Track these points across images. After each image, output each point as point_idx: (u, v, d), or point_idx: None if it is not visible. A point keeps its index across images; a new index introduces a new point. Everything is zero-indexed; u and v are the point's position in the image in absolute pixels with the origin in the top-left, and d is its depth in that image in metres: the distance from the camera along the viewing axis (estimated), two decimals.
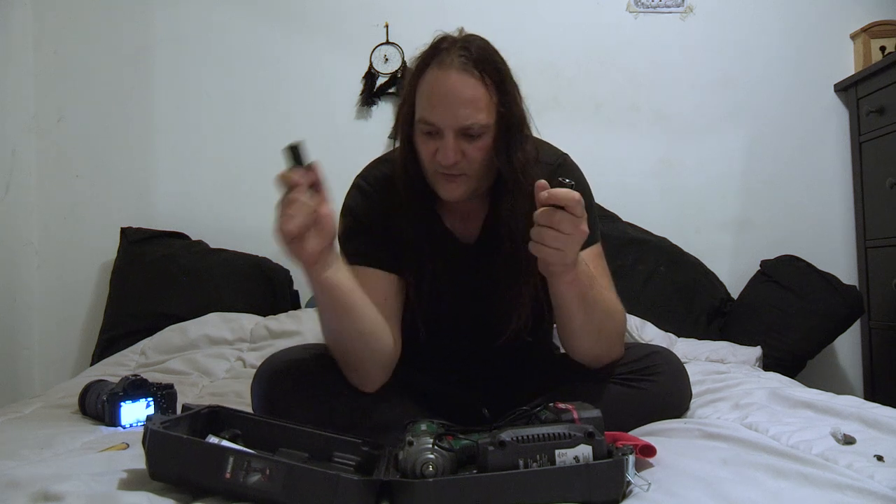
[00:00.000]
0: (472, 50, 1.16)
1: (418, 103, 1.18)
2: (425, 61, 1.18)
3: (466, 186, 1.20)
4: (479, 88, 1.15)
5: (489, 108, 1.16)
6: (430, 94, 1.16)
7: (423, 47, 1.20)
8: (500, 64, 1.19)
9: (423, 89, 1.17)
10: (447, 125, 1.15)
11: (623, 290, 2.02)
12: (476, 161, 1.18)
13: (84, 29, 2.40)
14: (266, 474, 0.79)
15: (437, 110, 1.15)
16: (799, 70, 2.45)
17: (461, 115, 1.14)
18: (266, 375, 1.21)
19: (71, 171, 2.38)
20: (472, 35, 1.21)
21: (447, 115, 1.15)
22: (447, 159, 1.15)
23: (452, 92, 1.14)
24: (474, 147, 1.17)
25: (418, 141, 1.20)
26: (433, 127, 1.16)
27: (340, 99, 2.42)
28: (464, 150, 1.16)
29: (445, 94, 1.14)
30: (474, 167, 1.19)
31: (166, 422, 0.87)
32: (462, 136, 1.16)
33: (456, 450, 0.89)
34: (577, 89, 2.44)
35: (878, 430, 1.05)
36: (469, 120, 1.15)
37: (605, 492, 0.82)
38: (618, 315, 1.22)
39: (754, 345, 2.01)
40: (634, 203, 2.37)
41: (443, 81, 1.15)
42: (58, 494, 0.79)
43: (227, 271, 2.22)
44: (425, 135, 1.18)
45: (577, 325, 1.17)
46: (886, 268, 2.20)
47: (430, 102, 1.16)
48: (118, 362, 1.93)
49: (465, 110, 1.14)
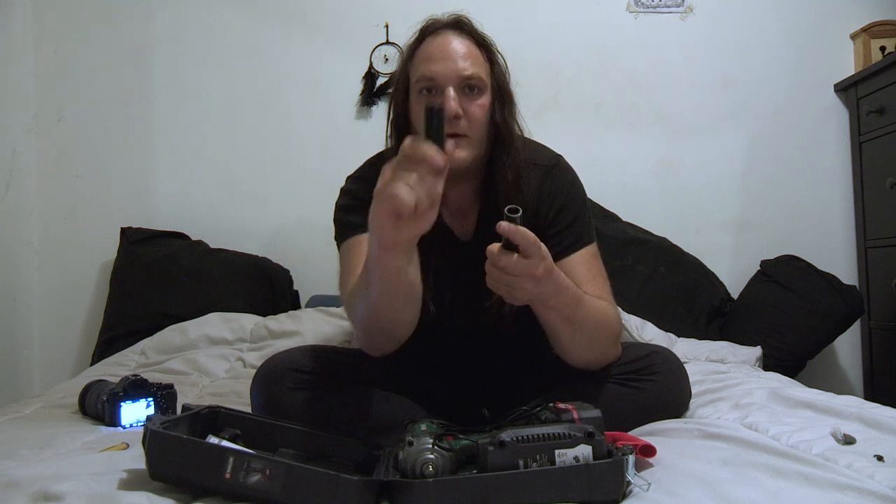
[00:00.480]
0: (463, 24, 1.23)
1: (415, 67, 1.21)
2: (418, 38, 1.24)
3: (469, 149, 1.20)
4: (476, 49, 1.21)
5: (486, 69, 1.22)
6: (429, 54, 1.20)
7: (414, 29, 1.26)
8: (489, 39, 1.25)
9: (420, 54, 1.21)
10: (449, 76, 1.18)
11: (623, 290, 2.05)
12: (476, 119, 1.20)
13: (84, 29, 2.40)
14: (266, 474, 0.79)
15: (437, 64, 1.18)
16: (799, 70, 2.45)
17: (461, 66, 1.18)
18: (265, 376, 1.21)
19: (71, 171, 2.38)
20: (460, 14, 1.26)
21: (448, 66, 1.18)
22: (451, 109, 1.16)
23: (451, 47, 1.19)
24: (475, 104, 1.19)
25: (416, 105, 1.21)
26: (433, 82, 1.18)
27: (340, 99, 2.42)
28: (464, 107, 1.18)
29: (445, 50, 1.19)
30: (474, 126, 1.20)
31: (166, 422, 0.87)
32: (463, 90, 1.18)
33: (456, 450, 0.89)
34: (577, 89, 2.44)
35: (878, 430, 1.05)
36: (469, 70, 1.18)
37: (605, 492, 0.82)
38: (610, 322, 1.20)
39: (754, 345, 2.01)
40: (634, 203, 2.37)
41: (441, 41, 1.20)
42: (58, 494, 0.79)
43: (227, 271, 2.22)
44: (424, 95, 1.19)
45: (565, 341, 1.17)
46: (886, 268, 2.20)
47: (430, 58, 1.20)
48: (118, 362, 1.93)
49: (465, 63, 1.18)
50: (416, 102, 1.21)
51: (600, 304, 1.19)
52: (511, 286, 1.02)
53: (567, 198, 1.30)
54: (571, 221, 1.28)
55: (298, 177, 2.37)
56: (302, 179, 2.36)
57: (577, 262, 1.26)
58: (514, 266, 0.99)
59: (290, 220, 2.38)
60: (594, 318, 1.16)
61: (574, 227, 1.28)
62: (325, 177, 1.42)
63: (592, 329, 1.16)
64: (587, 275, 1.25)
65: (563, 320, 1.13)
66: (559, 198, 1.29)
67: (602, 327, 1.18)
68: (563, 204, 1.29)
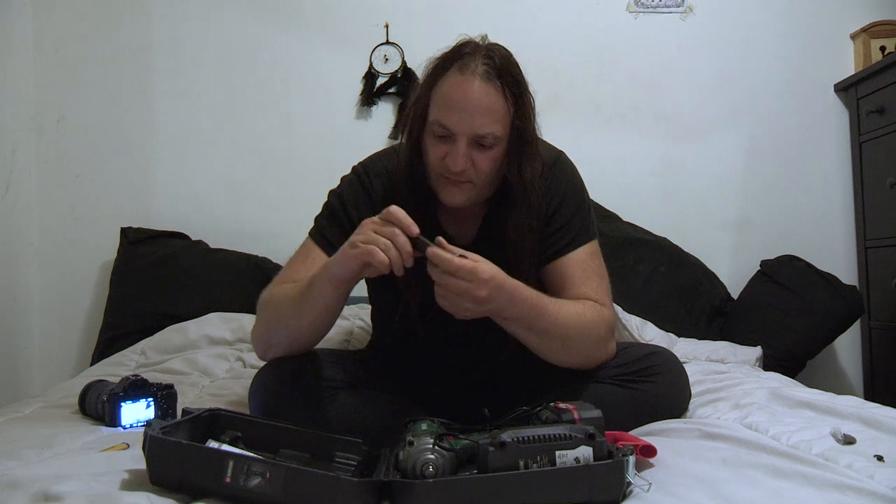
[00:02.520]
0: (496, 59, 1.16)
1: (434, 104, 1.18)
2: (446, 63, 1.17)
3: (469, 194, 1.21)
4: (499, 100, 1.15)
5: (505, 120, 1.17)
6: (449, 98, 1.15)
7: (445, 49, 1.20)
8: (520, 77, 1.20)
9: (443, 91, 1.17)
10: (462, 132, 1.14)
11: (623, 290, 2.06)
12: (484, 171, 1.18)
13: (84, 29, 2.40)
14: (266, 477, 0.80)
15: (454, 115, 1.15)
16: (799, 70, 2.45)
17: (478, 124, 1.14)
18: (265, 378, 1.21)
19: (71, 171, 2.38)
20: (496, 44, 1.21)
21: (464, 122, 1.14)
22: (456, 166, 1.15)
23: (473, 99, 1.14)
24: (484, 157, 1.17)
25: (428, 142, 1.20)
26: (447, 131, 1.16)
27: (340, 99, 2.42)
28: (473, 158, 1.16)
29: (465, 101, 1.14)
30: (481, 177, 1.19)
31: (166, 427, 0.87)
32: (474, 144, 1.16)
33: (456, 450, 0.89)
34: (577, 89, 2.44)
35: (878, 430, 1.05)
36: (485, 129, 1.15)
37: (606, 493, 0.82)
38: (588, 325, 1.19)
39: (754, 345, 2.01)
40: (634, 203, 2.37)
41: (464, 87, 1.14)
42: (58, 495, 0.79)
43: (227, 271, 2.22)
44: (437, 137, 1.18)
45: (533, 347, 1.18)
46: (886, 268, 2.20)
47: (448, 106, 1.15)
48: (118, 362, 1.93)
49: (483, 119, 1.14)
50: (429, 140, 1.19)
51: (574, 310, 1.19)
52: (455, 304, 1.05)
53: (566, 195, 1.30)
54: (569, 219, 1.28)
55: (299, 177, 2.37)
56: (302, 179, 2.35)
57: (572, 262, 1.26)
58: (455, 286, 1.03)
59: (291, 220, 2.36)
60: (563, 324, 1.16)
61: (571, 225, 1.28)
62: (326, 177, 1.42)
63: (562, 336, 1.17)
64: (581, 275, 1.25)
65: (524, 329, 1.14)
66: (557, 195, 1.29)
67: (576, 332, 1.18)
68: (561, 201, 1.29)
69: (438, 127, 1.16)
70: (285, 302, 1.19)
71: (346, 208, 1.29)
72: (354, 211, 1.28)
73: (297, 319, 1.17)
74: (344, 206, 1.29)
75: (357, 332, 1.92)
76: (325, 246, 1.27)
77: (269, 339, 1.24)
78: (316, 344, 1.24)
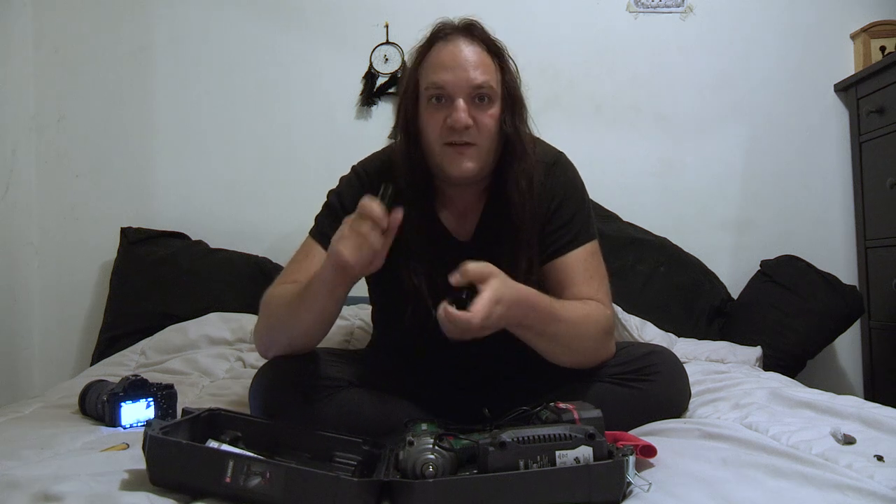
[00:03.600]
0: (475, 30, 1.21)
1: (424, 74, 1.20)
2: (427, 43, 1.22)
3: (477, 159, 1.21)
4: (487, 58, 1.20)
5: (496, 76, 1.20)
6: (439, 61, 1.19)
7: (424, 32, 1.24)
8: (501, 46, 1.24)
9: (431, 60, 1.20)
10: (459, 86, 1.17)
11: (623, 290, 2.06)
12: (486, 129, 1.19)
13: (84, 29, 2.40)
14: (266, 477, 0.80)
15: (448, 73, 1.17)
16: (799, 70, 2.44)
17: (472, 76, 1.17)
18: (265, 379, 1.21)
19: (71, 171, 2.38)
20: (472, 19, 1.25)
21: (459, 77, 1.17)
22: (460, 121, 1.16)
23: (463, 56, 1.18)
24: (485, 114, 1.19)
25: (426, 113, 1.20)
26: (443, 91, 1.18)
27: (340, 99, 2.42)
28: (474, 116, 1.18)
29: (456, 59, 1.18)
30: (484, 136, 1.20)
31: (166, 427, 0.87)
32: (473, 100, 1.18)
33: (456, 450, 0.89)
34: (577, 89, 2.44)
35: (878, 430, 1.05)
36: (480, 79, 1.18)
37: (606, 493, 0.82)
38: (592, 326, 1.21)
39: (754, 345, 2.01)
40: (634, 203, 2.37)
41: (452, 49, 1.18)
42: (58, 495, 0.79)
43: (227, 271, 2.22)
44: (434, 104, 1.19)
45: (542, 350, 1.19)
46: (886, 268, 2.20)
47: (441, 67, 1.18)
48: (118, 362, 1.93)
49: (476, 71, 1.17)
50: (426, 111, 1.21)
51: (580, 311, 1.20)
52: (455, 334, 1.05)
53: (566, 195, 1.30)
54: (569, 219, 1.28)
55: (299, 177, 2.37)
56: (302, 179, 2.35)
57: (573, 262, 1.26)
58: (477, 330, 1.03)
59: (290, 220, 2.37)
60: (571, 326, 1.17)
61: (572, 225, 1.28)
62: (326, 177, 1.42)
63: (570, 338, 1.18)
64: (583, 275, 1.26)
65: (536, 335, 1.15)
66: (558, 195, 1.29)
67: (581, 334, 1.19)
68: (561, 201, 1.29)
69: (434, 89, 1.18)
70: (284, 303, 1.20)
71: (346, 206, 1.29)
72: (354, 209, 1.28)
73: (295, 321, 1.18)
74: (343, 204, 1.30)
75: (357, 332, 1.92)
76: (325, 244, 1.26)
77: (270, 339, 1.24)
78: (316, 344, 1.24)
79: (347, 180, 1.35)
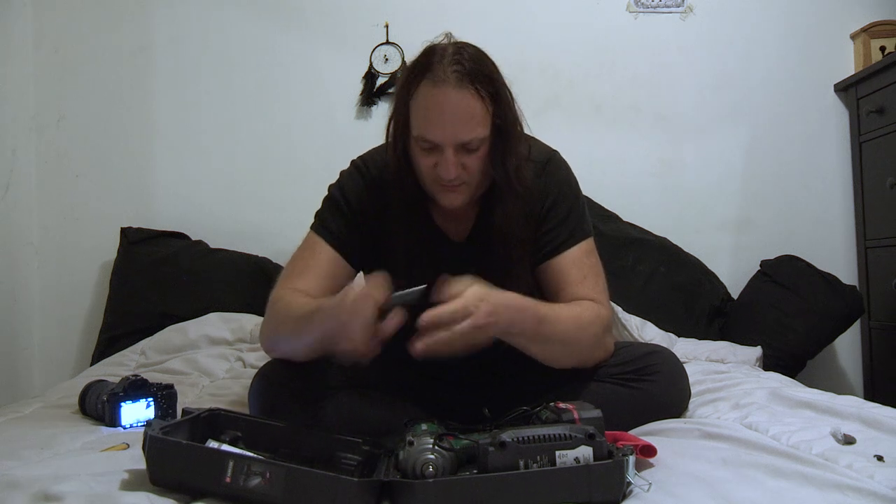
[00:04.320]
0: (465, 62, 1.13)
1: (414, 120, 1.17)
2: (417, 75, 1.15)
3: (467, 194, 1.22)
4: (476, 102, 1.13)
5: (486, 120, 1.16)
6: (427, 112, 1.14)
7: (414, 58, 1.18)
8: (493, 72, 1.17)
9: (419, 104, 1.15)
10: (447, 142, 1.14)
11: (623, 290, 2.06)
12: (475, 170, 1.19)
13: (84, 29, 2.40)
14: (266, 477, 0.80)
15: (436, 129, 1.14)
16: (799, 70, 2.45)
17: (461, 133, 1.14)
18: (265, 379, 1.21)
19: (71, 171, 2.38)
20: (462, 43, 1.18)
21: (447, 133, 1.14)
22: (449, 174, 1.16)
23: (450, 109, 1.13)
24: (473, 158, 1.18)
25: (416, 155, 1.20)
26: (432, 144, 1.16)
27: (340, 99, 2.42)
28: (463, 162, 1.17)
29: (443, 112, 1.13)
30: (473, 176, 1.20)
31: (166, 427, 0.87)
32: (461, 150, 1.16)
33: (456, 450, 0.89)
34: (577, 89, 2.44)
35: (878, 430, 1.05)
36: (468, 136, 1.14)
37: (606, 492, 0.82)
38: (586, 328, 1.20)
39: (754, 345, 2.01)
40: (634, 203, 2.37)
41: (440, 99, 1.12)
42: (58, 495, 0.79)
43: (227, 271, 2.22)
44: (424, 150, 1.18)
45: (536, 354, 1.17)
46: (886, 268, 2.20)
47: (427, 120, 1.14)
48: (118, 362, 1.93)
49: (464, 127, 1.14)
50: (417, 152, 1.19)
51: (572, 313, 1.19)
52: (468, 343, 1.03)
53: (559, 193, 1.30)
54: (564, 217, 1.28)
55: (299, 177, 2.37)
56: (302, 179, 2.35)
57: (568, 260, 1.26)
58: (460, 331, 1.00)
59: (291, 220, 2.36)
60: (563, 329, 1.16)
61: (566, 224, 1.28)
62: (325, 177, 1.42)
63: (563, 340, 1.17)
64: (578, 274, 1.25)
65: (528, 341, 1.14)
66: (552, 193, 1.29)
67: (575, 336, 1.18)
68: (555, 200, 1.29)
69: (423, 142, 1.17)
70: (291, 318, 1.17)
71: (348, 198, 1.29)
72: (356, 201, 1.29)
73: (298, 342, 1.17)
74: (345, 196, 1.30)
75: None
76: (328, 237, 1.28)
77: (273, 343, 1.25)
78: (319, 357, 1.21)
79: (348, 174, 1.35)
